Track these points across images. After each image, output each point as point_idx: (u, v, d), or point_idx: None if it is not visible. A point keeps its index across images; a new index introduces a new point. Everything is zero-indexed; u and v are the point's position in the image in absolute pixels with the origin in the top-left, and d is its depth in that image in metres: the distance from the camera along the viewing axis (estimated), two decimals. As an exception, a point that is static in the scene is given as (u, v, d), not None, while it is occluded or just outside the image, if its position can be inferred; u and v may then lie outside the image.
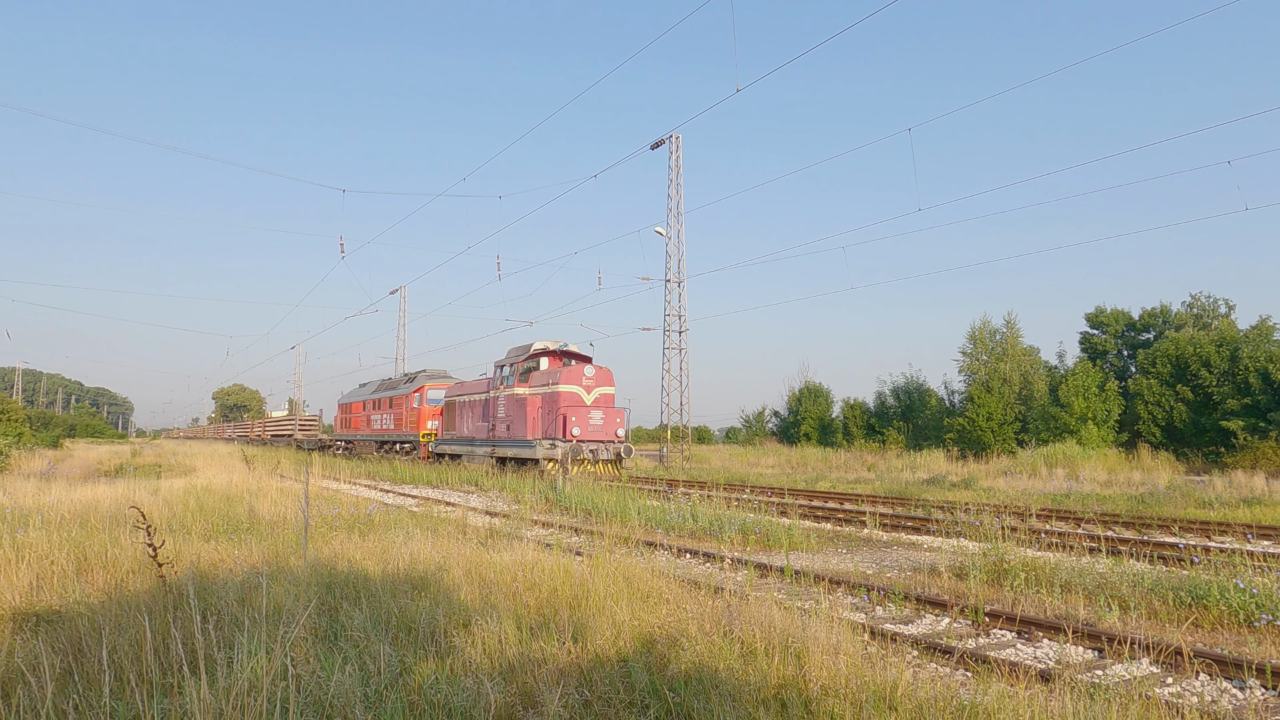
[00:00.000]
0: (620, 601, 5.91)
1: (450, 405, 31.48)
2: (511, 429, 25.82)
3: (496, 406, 27.03)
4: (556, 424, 23.76)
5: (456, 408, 30.83)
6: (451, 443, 30.66)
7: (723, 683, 4.29)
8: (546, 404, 24.35)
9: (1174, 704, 4.63)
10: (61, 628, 5.34)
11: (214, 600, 5.76)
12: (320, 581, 6.48)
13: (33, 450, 37.62)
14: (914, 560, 10.29)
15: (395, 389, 38.43)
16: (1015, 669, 5.35)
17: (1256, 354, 30.84)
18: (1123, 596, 7.52)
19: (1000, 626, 6.91)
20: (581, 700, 4.20)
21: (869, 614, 7.36)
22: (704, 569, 9.79)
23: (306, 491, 5.88)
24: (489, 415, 27.56)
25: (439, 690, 4.12)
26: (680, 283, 35.72)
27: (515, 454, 25.30)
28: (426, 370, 37.66)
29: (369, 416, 41.53)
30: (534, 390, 25.08)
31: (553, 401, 24.06)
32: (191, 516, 11.19)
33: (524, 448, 24.70)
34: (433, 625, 5.28)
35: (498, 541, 9.42)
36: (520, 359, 26.08)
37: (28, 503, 11.82)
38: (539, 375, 25.40)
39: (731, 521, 12.39)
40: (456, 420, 30.52)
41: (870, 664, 4.69)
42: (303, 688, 3.98)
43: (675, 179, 35.47)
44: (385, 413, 38.91)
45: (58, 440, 56.94)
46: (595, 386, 24.43)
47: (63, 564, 7.35)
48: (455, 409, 30.88)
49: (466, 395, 30.04)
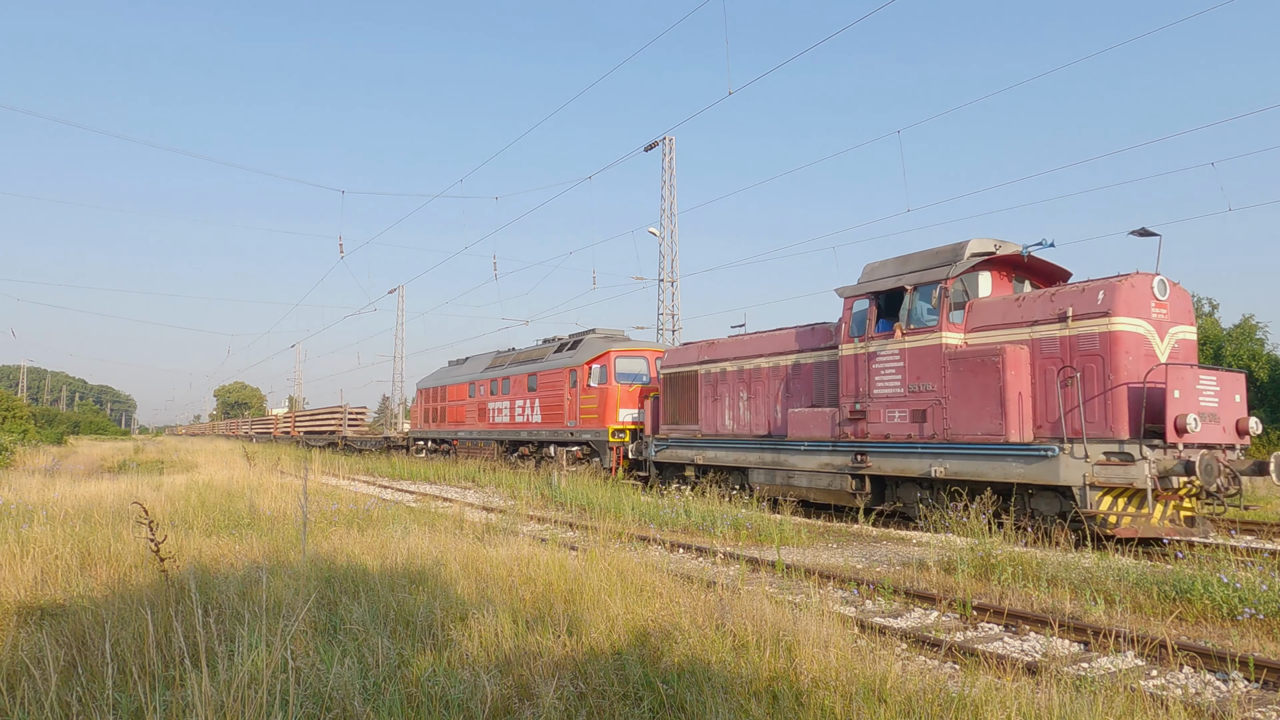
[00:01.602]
0: (614, 595, 5.99)
1: (686, 381, 18.42)
2: (944, 413, 12.19)
3: (859, 371, 13.63)
4: (1110, 405, 10.78)
5: (705, 384, 17.83)
6: (712, 444, 17.26)
7: (715, 675, 4.36)
8: (1052, 358, 11.43)
9: (1158, 696, 4.70)
10: (65, 621, 5.42)
11: (215, 594, 5.83)
12: (319, 576, 6.56)
13: (37, 447, 37.72)
14: (903, 555, 10.39)
15: (542, 360, 25.22)
16: (1002, 662, 5.43)
17: (1240, 352, 31.35)
18: (1108, 591, 7.61)
19: (988, 620, 7.00)
20: (576, 692, 4.27)
21: (859, 608, 7.45)
22: (697, 563, 9.89)
23: (306, 487, 5.96)
24: (823, 389, 14.87)
25: (436, 682, 4.19)
26: (674, 282, 35.81)
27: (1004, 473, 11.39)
28: (597, 330, 24.48)
29: (483, 405, 28.85)
30: (1000, 333, 12.01)
31: (1084, 351, 11.10)
32: (193, 512, 11.27)
33: (1026, 460, 11.20)
34: (430, 619, 5.36)
35: (494, 536, 9.50)
36: (940, 272, 12.45)
37: (32, 498, 11.90)
38: (992, 307, 12.28)
39: (723, 517, 12.48)
40: (708, 405, 17.71)
41: (860, 657, 4.76)
42: (302, 680, 4.05)
43: (669, 180, 35.58)
44: (522, 397, 25.87)
45: (62, 437, 57.02)
46: (1173, 323, 11.45)
47: (67, 558, 7.43)
48: (699, 386, 17.96)
49: (738, 360, 17.04)
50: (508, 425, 26.84)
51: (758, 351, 16.72)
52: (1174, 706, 4.26)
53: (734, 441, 16.77)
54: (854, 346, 13.89)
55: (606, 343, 22.80)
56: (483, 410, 28.85)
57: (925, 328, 12.67)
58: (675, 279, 34.88)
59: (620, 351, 22.20)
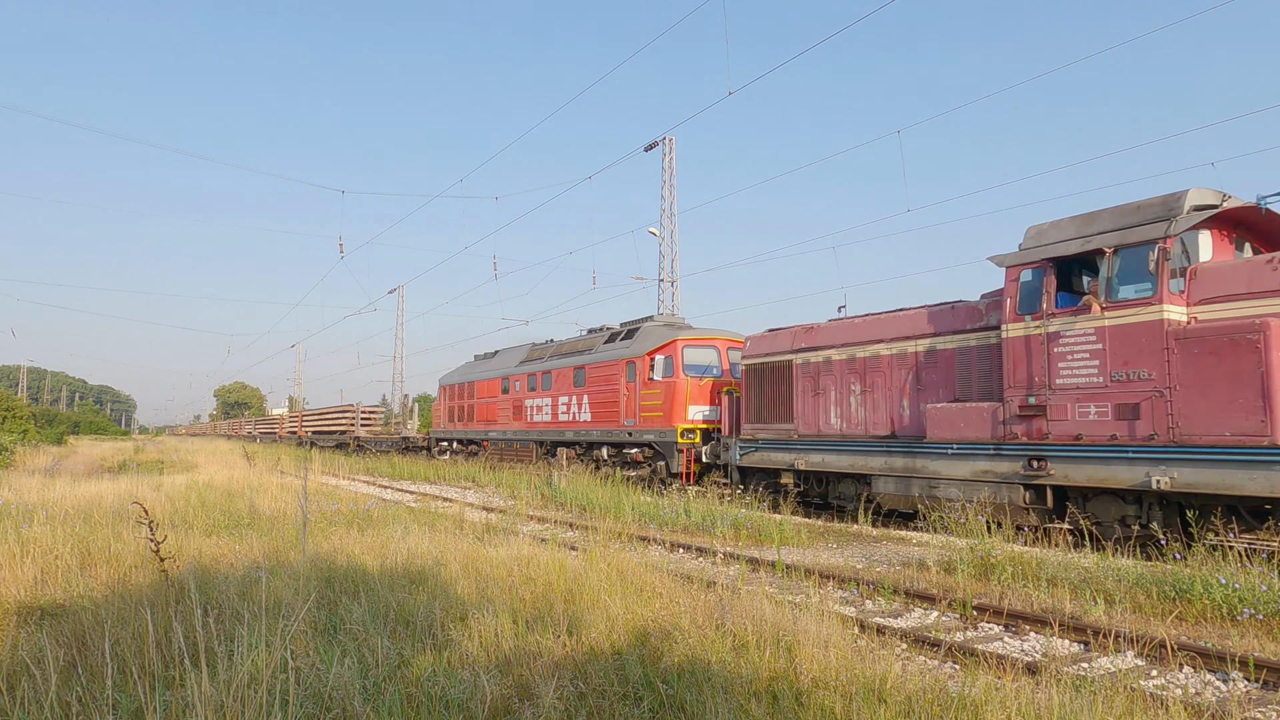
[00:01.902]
0: (614, 595, 6.00)
1: (777, 373, 15.63)
2: (1169, 407, 9.62)
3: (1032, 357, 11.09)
4: None
5: (801, 376, 15.06)
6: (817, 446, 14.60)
7: (715, 675, 4.37)
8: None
9: (1158, 696, 4.71)
10: (65, 621, 5.43)
11: (215, 594, 5.84)
12: (319, 576, 6.56)
13: (37, 447, 37.77)
14: (903, 555, 10.39)
15: (590, 352, 22.28)
16: (1002, 662, 5.44)
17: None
18: (1108, 591, 7.61)
19: (987, 620, 7.00)
20: (576, 692, 4.27)
21: (859, 608, 7.45)
22: (696, 563, 9.89)
23: (306, 487, 5.97)
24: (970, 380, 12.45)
25: (436, 682, 4.19)
26: (674, 282, 35.79)
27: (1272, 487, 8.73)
28: (655, 317, 21.58)
29: (519, 403, 25.84)
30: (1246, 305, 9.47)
31: None
32: (193, 512, 11.28)
33: None
34: (430, 619, 5.36)
35: (494, 536, 9.51)
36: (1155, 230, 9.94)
37: (32, 498, 11.91)
38: (1231, 273, 9.78)
39: (723, 517, 12.49)
40: (806, 400, 14.94)
41: (860, 657, 4.76)
42: (302, 680, 4.05)
43: (669, 180, 35.58)
44: (567, 394, 22.93)
45: (62, 437, 57.05)
46: None
47: (67, 558, 7.43)
48: (795, 379, 15.19)
49: (847, 348, 14.33)
50: (549, 424, 23.90)
51: (875, 336, 13.92)
52: (1174, 706, 4.27)
53: (847, 443, 14.04)
54: (1024, 326, 11.20)
55: (670, 330, 19.87)
56: (518, 408, 25.93)
57: (1136, 300, 10.06)
58: (675, 279, 34.88)
59: (689, 340, 19.30)
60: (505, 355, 28.83)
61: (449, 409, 32.06)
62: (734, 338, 19.88)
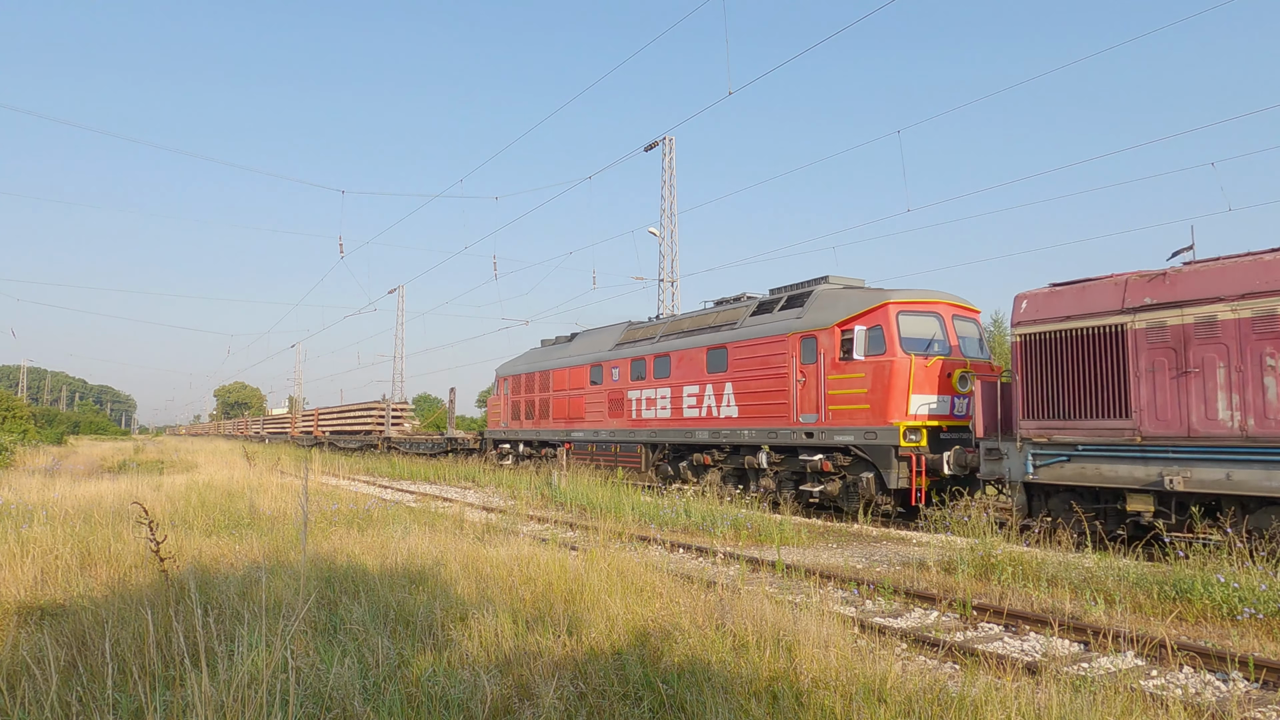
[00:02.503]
0: (614, 595, 6.00)
1: (1090, 344, 10.89)
2: None
3: None
4: None
5: (1147, 348, 10.32)
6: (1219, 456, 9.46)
7: (715, 675, 4.37)
8: None
9: (1158, 696, 4.72)
10: (65, 621, 5.43)
11: (215, 594, 5.84)
12: (320, 576, 6.57)
13: (37, 447, 37.81)
14: (903, 555, 10.39)
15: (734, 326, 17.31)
16: (1002, 662, 5.44)
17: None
18: (1108, 591, 7.62)
19: (988, 620, 7.00)
20: (576, 692, 4.28)
21: (859, 608, 7.45)
22: (697, 563, 9.90)
23: (306, 487, 5.97)
24: None
25: (436, 682, 4.20)
26: (674, 282, 35.77)
27: None
28: (831, 278, 16.37)
29: (620, 394, 20.63)
30: None
31: None
32: (193, 512, 11.28)
33: None
34: (430, 619, 5.36)
35: (494, 536, 9.51)
36: None
37: (32, 498, 11.92)
38: None
39: (724, 517, 12.49)
40: (1160, 384, 10.16)
41: (860, 657, 4.77)
42: (302, 680, 4.05)
43: (668, 180, 35.58)
44: (695, 381, 17.93)
45: (62, 437, 57.12)
46: None
47: (67, 558, 7.44)
48: (1132, 353, 10.47)
49: (1247, 301, 9.50)
50: (667, 422, 18.65)
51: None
52: (1174, 706, 4.27)
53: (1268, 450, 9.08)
54: None
55: (871, 294, 14.54)
56: (618, 402, 20.56)
57: None
58: (675, 279, 34.88)
59: (904, 304, 14.00)
60: (589, 338, 23.58)
61: (512, 405, 26.65)
62: (959, 302, 14.78)
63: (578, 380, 22.75)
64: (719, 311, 18.35)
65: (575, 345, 24.06)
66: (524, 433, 25.79)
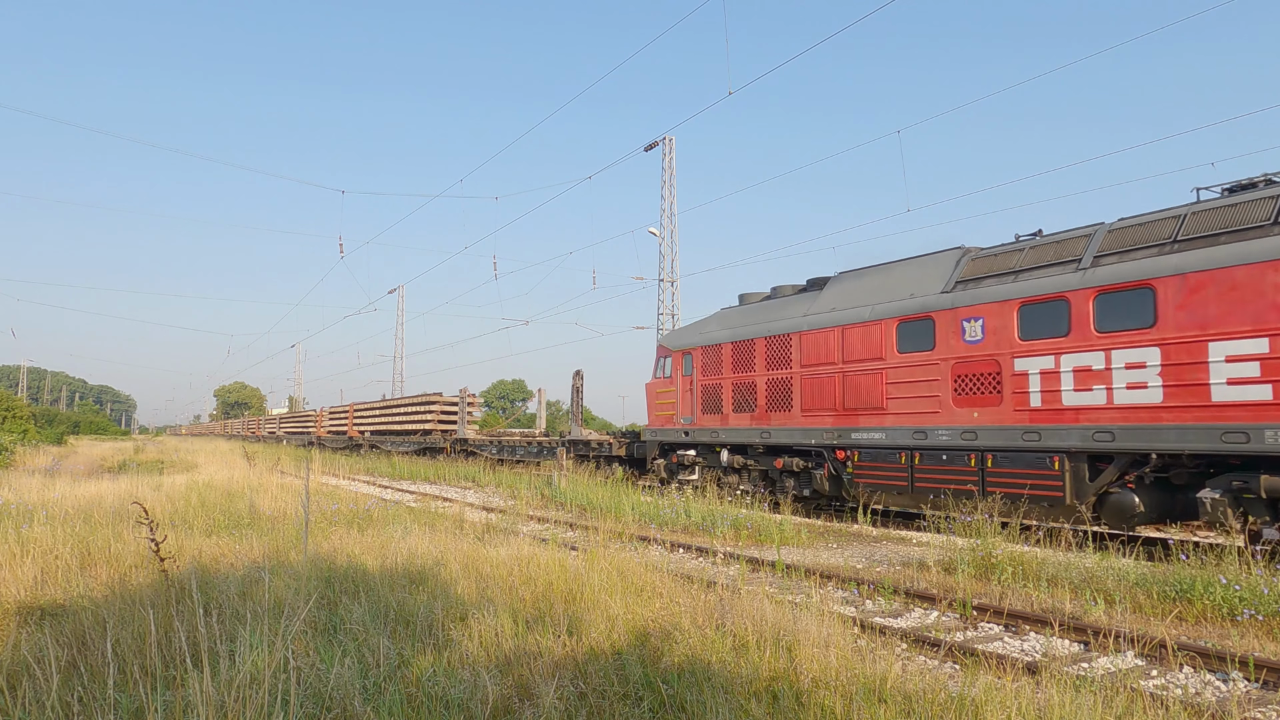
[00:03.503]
0: (614, 595, 6.00)
1: None
2: None
3: None
4: None
5: None
6: None
7: (715, 675, 4.37)
8: None
9: (1158, 696, 4.71)
10: (66, 621, 5.43)
11: (216, 594, 5.84)
12: (320, 576, 6.57)
13: (37, 447, 37.80)
14: (903, 555, 10.40)
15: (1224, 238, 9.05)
16: (1003, 662, 5.44)
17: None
18: (1108, 591, 7.62)
19: (988, 620, 7.01)
20: (576, 692, 4.28)
21: (859, 608, 7.45)
22: (697, 563, 9.90)
23: (307, 487, 5.97)
24: None
25: (436, 682, 4.20)
26: (673, 282, 35.77)
27: None
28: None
29: (991, 367, 11.62)
30: None
31: None
32: (194, 512, 11.28)
33: None
34: (430, 619, 5.36)
35: (494, 536, 9.51)
36: None
37: (32, 498, 11.92)
38: None
39: (724, 517, 12.49)
40: None
41: (860, 656, 4.77)
42: (303, 680, 4.05)
43: (668, 180, 35.59)
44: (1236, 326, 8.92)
45: (62, 437, 57.07)
46: None
47: (67, 558, 7.44)
48: None
49: None
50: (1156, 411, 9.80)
51: None
52: (1174, 706, 4.27)
53: None
54: None
55: None
56: (986, 377, 11.84)
57: None
58: (675, 279, 34.85)
59: None
60: (866, 280, 14.59)
61: (704, 390, 17.73)
62: None
63: (864, 344, 13.94)
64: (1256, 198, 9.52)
65: (836, 293, 15.04)
66: (736, 432, 16.80)
